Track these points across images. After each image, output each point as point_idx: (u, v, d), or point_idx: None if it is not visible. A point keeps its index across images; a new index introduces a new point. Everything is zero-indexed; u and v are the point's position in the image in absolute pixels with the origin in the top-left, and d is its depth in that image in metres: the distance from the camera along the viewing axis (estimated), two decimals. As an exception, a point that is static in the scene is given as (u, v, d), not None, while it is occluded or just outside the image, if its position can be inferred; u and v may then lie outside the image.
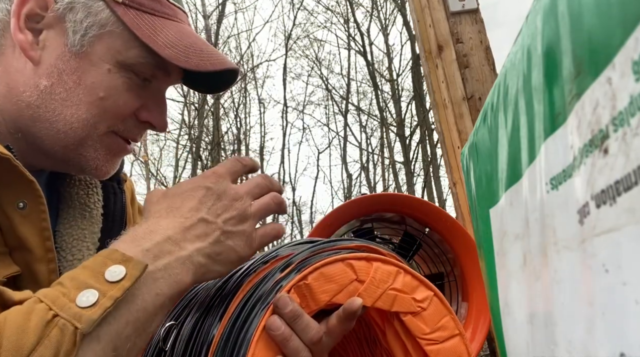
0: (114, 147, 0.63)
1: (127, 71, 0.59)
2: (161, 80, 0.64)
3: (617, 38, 0.23)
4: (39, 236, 0.55)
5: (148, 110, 0.63)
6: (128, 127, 0.63)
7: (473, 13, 1.90)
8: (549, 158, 0.35)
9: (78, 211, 0.66)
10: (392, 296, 0.52)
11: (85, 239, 0.65)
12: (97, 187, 0.70)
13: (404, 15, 10.50)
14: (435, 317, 0.53)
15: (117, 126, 0.61)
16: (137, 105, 0.62)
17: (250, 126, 12.59)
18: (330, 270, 0.50)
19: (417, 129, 11.05)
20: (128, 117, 0.62)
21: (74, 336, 0.38)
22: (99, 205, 0.68)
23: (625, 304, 0.24)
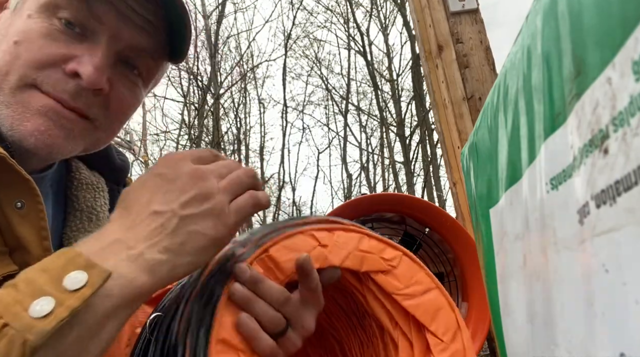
0: (35, 104, 0.53)
1: (48, 16, 0.55)
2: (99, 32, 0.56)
3: (617, 38, 0.23)
4: (36, 235, 0.54)
5: (78, 61, 0.54)
6: (50, 80, 0.54)
7: (473, 13, 1.90)
8: (549, 158, 0.35)
9: (85, 214, 0.65)
10: (360, 256, 0.52)
11: None
12: (104, 191, 0.69)
13: (403, 15, 10.50)
14: (408, 274, 0.53)
15: (33, 77, 0.53)
16: (60, 54, 0.54)
17: (250, 126, 12.59)
18: (292, 241, 0.50)
19: (417, 129, 11.05)
20: (50, 68, 0.54)
21: (23, 347, 0.35)
22: (105, 208, 0.68)
23: (625, 304, 0.24)
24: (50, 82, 0.54)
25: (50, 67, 0.54)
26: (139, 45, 0.59)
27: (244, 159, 11.94)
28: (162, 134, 11.57)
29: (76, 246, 0.43)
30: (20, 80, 0.53)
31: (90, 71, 0.54)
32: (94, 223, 0.66)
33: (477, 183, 0.64)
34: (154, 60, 0.63)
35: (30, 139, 0.53)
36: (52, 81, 0.54)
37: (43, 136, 0.54)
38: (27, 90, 0.54)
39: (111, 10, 0.56)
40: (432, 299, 0.53)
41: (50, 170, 0.64)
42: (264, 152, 12.64)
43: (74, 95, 0.55)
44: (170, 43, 0.63)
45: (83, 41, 0.56)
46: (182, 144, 11.40)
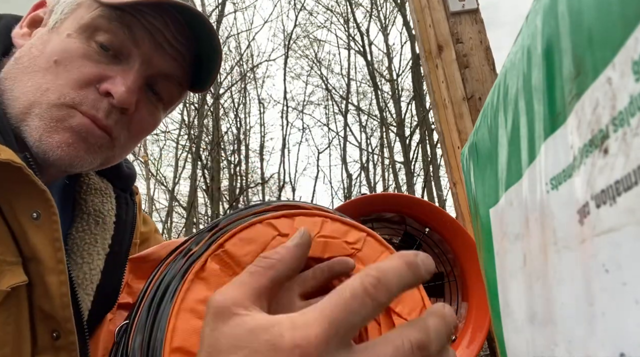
0: (70, 122, 0.56)
1: (88, 38, 0.57)
2: (133, 55, 0.59)
3: (617, 38, 0.23)
4: (51, 246, 0.54)
5: (111, 82, 0.57)
6: (87, 100, 0.56)
7: (473, 13, 1.90)
8: (549, 158, 0.35)
9: (92, 218, 0.66)
10: (322, 243, 0.50)
11: (97, 244, 0.65)
12: (111, 196, 0.70)
13: (403, 15, 10.50)
14: (372, 255, 0.52)
15: (72, 97, 0.56)
16: (96, 74, 0.57)
17: (250, 126, 12.60)
18: (248, 233, 0.47)
19: (417, 129, 11.06)
20: (86, 88, 0.57)
21: None
22: (112, 213, 0.69)
23: (625, 304, 0.24)
24: (87, 102, 0.57)
25: (86, 87, 0.57)
26: (167, 72, 0.62)
27: (243, 159, 11.94)
28: (162, 134, 11.58)
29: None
30: (60, 98, 0.55)
31: (123, 91, 0.57)
32: (100, 226, 0.66)
33: (477, 183, 0.65)
34: (177, 89, 0.66)
35: (57, 151, 0.56)
36: (89, 101, 0.57)
37: (69, 149, 0.56)
38: (65, 109, 0.56)
39: (147, 37, 0.59)
40: None
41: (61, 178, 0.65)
42: (264, 152, 12.65)
43: (106, 114, 0.58)
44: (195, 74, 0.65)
45: (117, 64, 0.59)
46: (182, 144, 11.39)
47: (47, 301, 0.54)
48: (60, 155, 0.56)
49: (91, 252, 0.64)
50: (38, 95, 0.55)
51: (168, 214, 11.12)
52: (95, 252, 0.64)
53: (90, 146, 0.58)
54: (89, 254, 0.63)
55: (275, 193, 12.57)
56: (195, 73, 0.66)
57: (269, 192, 12.80)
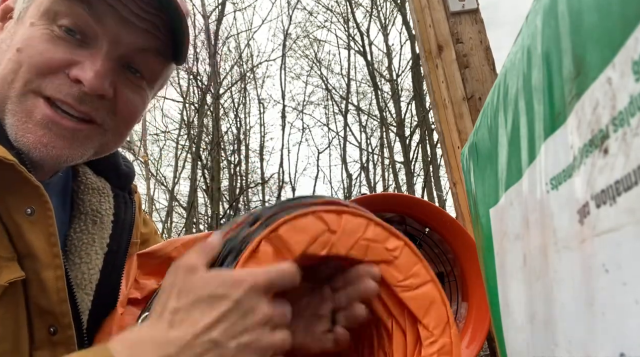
0: (37, 115, 0.54)
1: (50, 23, 0.55)
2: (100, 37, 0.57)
3: (617, 38, 0.23)
4: (46, 242, 0.54)
5: (81, 68, 0.55)
6: (54, 85, 0.54)
7: (473, 13, 1.90)
8: (549, 158, 0.35)
9: (90, 217, 0.66)
10: (365, 245, 0.52)
11: (94, 244, 0.65)
12: (109, 196, 0.70)
13: (403, 15, 10.50)
14: (408, 265, 0.53)
15: (37, 83, 0.54)
16: (62, 60, 0.55)
17: (250, 126, 12.60)
18: (301, 222, 0.50)
19: (417, 129, 11.06)
20: (53, 74, 0.55)
21: None
22: (110, 212, 0.69)
23: (625, 304, 0.24)
24: (54, 87, 0.55)
25: (53, 73, 0.55)
26: (141, 47, 0.59)
27: (243, 159, 11.94)
28: (162, 134, 11.58)
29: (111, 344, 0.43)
30: (25, 86, 0.54)
31: (91, 77, 0.55)
32: (97, 226, 0.66)
33: (477, 183, 0.64)
34: (157, 61, 0.63)
35: (35, 151, 0.55)
36: (55, 86, 0.55)
37: (47, 149, 0.55)
38: (31, 98, 0.54)
39: (112, 15, 0.56)
40: (426, 293, 0.53)
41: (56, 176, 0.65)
42: (263, 152, 12.65)
43: (78, 100, 0.56)
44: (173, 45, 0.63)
45: (84, 47, 0.56)
46: (181, 144, 11.39)
47: (43, 296, 0.54)
48: (40, 155, 0.55)
49: (89, 252, 0.64)
50: (6, 88, 0.54)
51: (168, 214, 11.12)
52: (94, 251, 0.64)
53: (72, 141, 0.57)
54: (87, 254, 0.63)
55: (275, 193, 12.57)
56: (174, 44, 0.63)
57: (269, 192, 12.80)
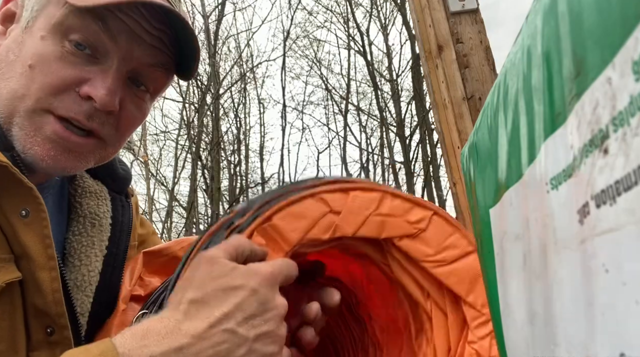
0: (46, 130, 0.55)
1: (61, 38, 0.55)
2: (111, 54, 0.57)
3: (617, 38, 0.23)
4: (40, 243, 0.55)
5: (91, 85, 0.56)
6: (65, 103, 0.55)
7: (473, 13, 1.90)
8: (549, 158, 0.35)
9: (88, 220, 0.66)
10: (379, 221, 0.45)
11: (94, 246, 0.65)
12: (106, 199, 0.71)
13: (403, 15, 10.50)
14: (439, 237, 0.46)
15: (49, 101, 0.55)
16: (74, 77, 0.56)
17: (250, 126, 12.60)
18: (298, 208, 0.44)
19: (417, 129, 11.06)
20: (65, 92, 0.55)
21: None
22: (107, 215, 0.69)
23: (625, 304, 0.24)
24: (64, 106, 0.56)
25: (64, 92, 0.55)
26: (149, 62, 0.60)
27: (243, 159, 11.93)
28: (162, 134, 11.57)
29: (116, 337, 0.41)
30: (36, 103, 0.55)
31: (103, 95, 0.56)
32: (96, 228, 0.67)
33: (477, 183, 0.65)
34: (162, 75, 0.64)
35: (42, 163, 0.56)
36: (66, 105, 0.56)
37: (53, 161, 0.56)
38: (43, 115, 0.55)
39: (124, 31, 0.57)
40: (468, 265, 0.45)
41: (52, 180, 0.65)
42: (263, 152, 12.65)
43: (88, 117, 0.57)
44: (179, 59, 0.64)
45: (95, 63, 0.57)
46: (181, 144, 11.39)
47: (39, 297, 0.55)
48: (47, 166, 0.56)
49: (89, 254, 0.64)
50: (16, 102, 0.55)
51: (168, 214, 11.11)
52: (93, 254, 0.65)
53: (78, 155, 0.58)
54: (86, 257, 0.64)
55: (275, 193, 12.55)
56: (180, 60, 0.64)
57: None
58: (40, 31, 0.56)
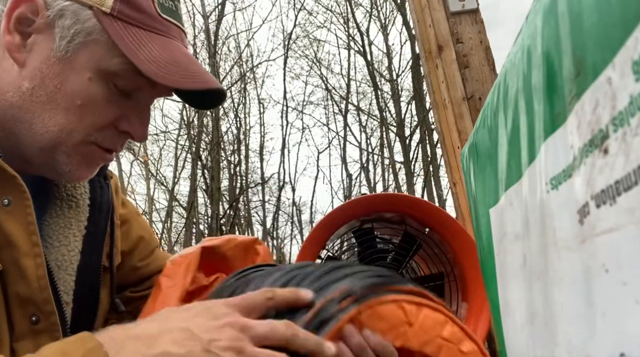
0: (89, 156, 0.62)
1: (107, 81, 0.59)
2: (145, 92, 0.63)
3: (617, 38, 0.23)
4: (24, 231, 0.56)
5: (128, 121, 0.63)
6: (106, 137, 0.62)
7: (473, 13, 1.90)
8: (549, 158, 0.35)
9: (65, 202, 0.68)
10: (439, 344, 0.52)
11: (72, 227, 0.67)
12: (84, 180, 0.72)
13: (403, 15, 10.49)
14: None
15: (94, 136, 0.61)
16: (117, 116, 0.61)
17: (250, 126, 12.60)
18: (383, 310, 0.51)
19: (417, 129, 11.06)
20: (106, 128, 0.61)
21: None
22: (85, 196, 0.70)
23: (625, 304, 0.24)
24: (107, 140, 0.62)
25: (107, 127, 0.62)
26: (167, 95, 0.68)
27: (243, 159, 11.94)
28: (162, 134, 11.57)
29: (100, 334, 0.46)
30: (84, 139, 0.61)
31: (142, 133, 0.64)
32: (73, 210, 0.68)
33: (477, 183, 0.65)
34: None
35: (77, 179, 0.64)
36: (108, 139, 0.62)
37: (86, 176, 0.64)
38: (88, 146, 0.61)
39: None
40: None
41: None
42: (263, 152, 12.65)
43: (122, 146, 0.65)
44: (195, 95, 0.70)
45: (130, 99, 0.63)
46: (181, 144, 11.39)
47: (23, 284, 0.56)
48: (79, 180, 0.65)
49: (67, 234, 0.66)
50: (63, 136, 0.59)
51: (168, 214, 11.11)
52: (72, 234, 0.66)
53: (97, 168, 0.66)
54: (65, 237, 0.65)
55: (275, 193, 12.57)
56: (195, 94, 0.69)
57: (269, 192, 12.81)
58: (85, 71, 0.58)
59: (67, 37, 0.57)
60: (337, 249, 1.77)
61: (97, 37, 0.57)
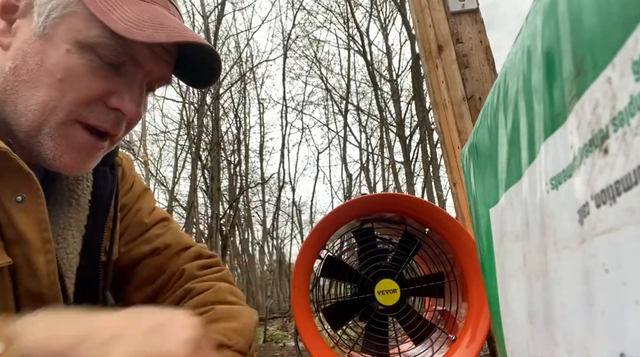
0: (75, 139, 0.58)
1: (88, 53, 0.57)
2: (135, 67, 0.61)
3: (617, 38, 0.23)
4: (37, 228, 0.56)
5: (119, 97, 0.59)
6: (94, 113, 0.58)
7: (473, 13, 1.90)
8: (549, 158, 0.35)
9: (65, 198, 0.67)
10: None
11: (71, 227, 0.66)
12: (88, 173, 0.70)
13: (403, 15, 10.49)
14: None
15: (79, 112, 0.57)
16: (103, 90, 0.58)
17: (250, 126, 12.61)
18: None
19: (417, 129, 11.06)
20: (94, 103, 0.58)
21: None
22: (87, 191, 0.69)
23: (625, 304, 0.24)
24: (94, 116, 0.59)
25: (93, 103, 0.58)
26: (164, 77, 0.65)
27: (243, 159, 11.94)
28: (162, 134, 11.58)
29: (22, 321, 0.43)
30: (67, 116, 0.57)
31: (133, 109, 0.61)
32: (74, 208, 0.67)
33: (477, 183, 0.65)
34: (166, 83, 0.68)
35: (67, 169, 0.60)
36: (95, 114, 0.59)
37: (79, 165, 0.60)
38: (72, 125, 0.58)
39: (150, 54, 0.61)
40: None
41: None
42: (263, 152, 12.65)
43: (115, 125, 0.61)
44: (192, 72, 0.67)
45: (119, 74, 0.60)
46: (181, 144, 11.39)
47: (34, 280, 0.56)
48: (72, 171, 0.60)
49: (66, 236, 0.65)
50: (46, 114, 0.56)
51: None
52: (70, 235, 0.65)
53: (98, 156, 0.62)
54: (63, 239, 0.65)
55: (275, 193, 12.57)
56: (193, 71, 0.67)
57: (269, 192, 12.80)
58: (64, 44, 0.57)
59: (44, 14, 0.57)
60: (337, 249, 1.77)
61: (73, 9, 0.57)
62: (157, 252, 0.76)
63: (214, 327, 0.67)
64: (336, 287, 1.89)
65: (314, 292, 1.54)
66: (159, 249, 0.76)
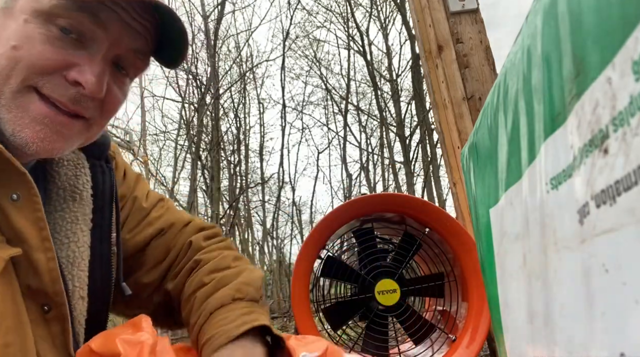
0: (33, 110, 0.55)
1: (48, 23, 0.55)
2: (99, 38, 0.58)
3: (617, 38, 0.23)
4: (34, 226, 0.56)
5: (78, 71, 0.56)
6: (51, 84, 0.55)
7: (473, 13, 1.90)
8: (549, 158, 0.35)
9: (68, 193, 0.67)
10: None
11: (78, 221, 0.66)
12: (85, 167, 0.70)
13: (403, 15, 10.49)
14: None
15: (34, 80, 0.55)
16: (61, 61, 0.56)
17: (250, 126, 12.60)
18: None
19: (417, 129, 11.06)
20: (50, 74, 0.55)
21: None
22: (87, 186, 0.69)
23: (625, 304, 0.24)
24: (50, 86, 0.55)
25: (50, 74, 0.55)
26: (133, 48, 0.61)
27: (243, 159, 11.94)
28: (161, 134, 11.58)
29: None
30: (22, 83, 0.54)
31: (93, 82, 0.56)
32: (78, 203, 0.67)
33: (477, 183, 0.64)
34: (142, 61, 0.64)
35: (32, 146, 0.55)
36: (52, 86, 0.55)
37: (43, 143, 0.56)
38: (27, 94, 0.55)
39: (114, 19, 0.57)
40: None
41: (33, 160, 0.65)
42: (263, 152, 12.65)
43: (73, 101, 0.57)
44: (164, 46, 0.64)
45: (81, 47, 0.57)
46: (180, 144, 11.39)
47: (35, 277, 0.56)
48: (37, 149, 0.56)
49: (75, 230, 0.65)
50: (1, 84, 0.54)
51: (168, 214, 11.09)
52: (79, 229, 0.65)
53: (67, 136, 0.58)
54: (73, 233, 0.65)
55: (275, 193, 12.57)
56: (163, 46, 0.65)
57: (269, 192, 12.81)
58: (22, 14, 0.55)
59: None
60: (337, 249, 1.77)
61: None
62: (163, 232, 0.77)
63: (226, 287, 0.69)
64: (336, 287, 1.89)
65: (314, 292, 1.54)
66: (164, 229, 0.77)
